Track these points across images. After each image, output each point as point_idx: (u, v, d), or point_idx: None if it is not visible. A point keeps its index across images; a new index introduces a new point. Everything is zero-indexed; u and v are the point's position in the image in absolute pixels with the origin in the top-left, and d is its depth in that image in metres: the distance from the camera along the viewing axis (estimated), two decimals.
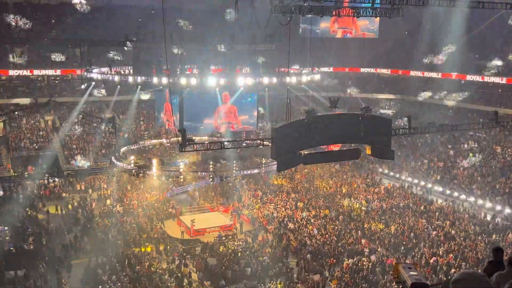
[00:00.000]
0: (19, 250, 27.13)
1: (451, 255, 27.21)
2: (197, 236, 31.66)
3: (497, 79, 48.71)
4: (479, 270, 4.08)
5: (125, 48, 47.75)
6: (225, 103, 42.88)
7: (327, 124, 23.28)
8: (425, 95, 52.87)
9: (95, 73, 42.16)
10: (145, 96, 46.76)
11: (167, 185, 38.71)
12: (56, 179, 39.25)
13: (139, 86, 40.92)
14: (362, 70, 61.37)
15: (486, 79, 49.56)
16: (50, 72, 51.84)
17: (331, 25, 58.98)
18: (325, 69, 56.11)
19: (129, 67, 45.56)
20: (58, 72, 52.07)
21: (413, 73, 55.96)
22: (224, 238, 30.76)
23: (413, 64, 53.88)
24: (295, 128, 23.30)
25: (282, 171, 37.88)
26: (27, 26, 49.80)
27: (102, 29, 49.73)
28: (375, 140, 24.11)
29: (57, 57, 49.55)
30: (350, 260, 27.25)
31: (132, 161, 38.27)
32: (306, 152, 25.54)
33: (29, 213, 33.44)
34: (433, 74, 53.63)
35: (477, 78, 50.26)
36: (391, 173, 43.61)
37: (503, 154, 42.15)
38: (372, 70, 61.04)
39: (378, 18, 30.42)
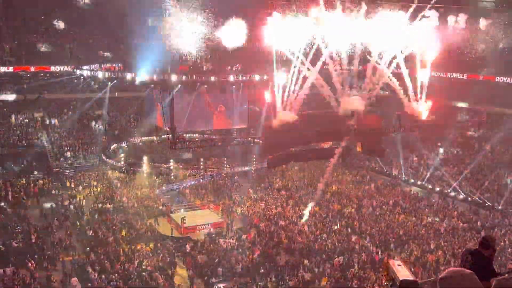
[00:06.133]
0: (8, 247, 26.90)
1: (440, 251, 27.42)
2: (187, 234, 31.59)
3: None
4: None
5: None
6: (219, 111, 42.15)
7: (318, 122, 23.40)
8: None
9: (85, 70, 41.77)
10: (137, 93, 46.44)
11: (157, 182, 38.55)
12: (45, 176, 38.95)
13: (131, 83, 40.52)
14: None
15: None
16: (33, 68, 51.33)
17: None
18: None
19: (119, 64, 45.20)
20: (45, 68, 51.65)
21: None
22: (214, 235, 30.73)
23: None
24: (286, 126, 23.40)
25: (273, 169, 37.96)
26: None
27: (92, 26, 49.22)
28: (366, 137, 24.30)
29: (45, 47, 49.10)
30: (340, 257, 27.36)
31: (122, 159, 38.08)
32: (296, 150, 25.67)
33: (17, 210, 33.14)
34: None
35: None
36: (382, 171, 43.77)
37: (492, 152, 42.41)
38: None
39: None
